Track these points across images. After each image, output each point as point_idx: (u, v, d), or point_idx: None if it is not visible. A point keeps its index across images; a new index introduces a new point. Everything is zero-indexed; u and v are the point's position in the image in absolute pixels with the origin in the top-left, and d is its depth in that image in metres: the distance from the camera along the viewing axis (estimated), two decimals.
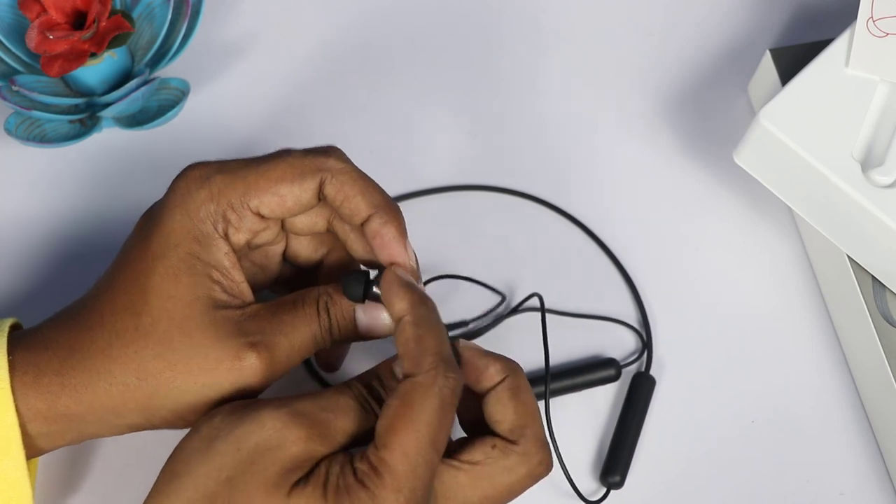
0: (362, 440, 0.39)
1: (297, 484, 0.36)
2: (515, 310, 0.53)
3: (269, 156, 0.43)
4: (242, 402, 0.39)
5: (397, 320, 0.40)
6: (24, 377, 0.40)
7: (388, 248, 0.42)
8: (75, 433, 0.41)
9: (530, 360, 0.51)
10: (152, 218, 0.42)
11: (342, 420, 0.39)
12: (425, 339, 0.39)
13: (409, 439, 0.36)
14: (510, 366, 0.41)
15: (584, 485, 0.50)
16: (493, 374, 0.40)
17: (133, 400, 0.40)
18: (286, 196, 0.42)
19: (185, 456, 0.38)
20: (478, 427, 0.41)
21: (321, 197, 0.42)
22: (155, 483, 0.38)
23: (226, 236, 0.42)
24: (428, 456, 0.37)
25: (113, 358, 0.40)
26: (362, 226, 0.42)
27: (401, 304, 0.40)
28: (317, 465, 0.37)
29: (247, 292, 0.42)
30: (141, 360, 0.40)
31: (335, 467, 0.37)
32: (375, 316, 0.42)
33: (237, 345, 0.40)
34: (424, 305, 0.40)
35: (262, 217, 0.42)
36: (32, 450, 0.41)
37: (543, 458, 0.40)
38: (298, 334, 0.41)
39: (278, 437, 0.37)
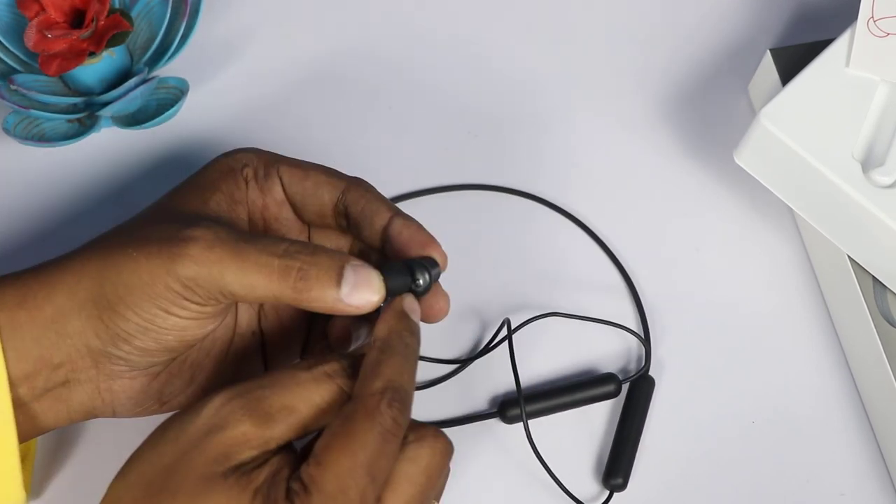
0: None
1: (237, 469, 0.35)
2: (487, 347, 0.50)
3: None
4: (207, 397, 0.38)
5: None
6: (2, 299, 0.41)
7: (417, 237, 0.43)
8: (44, 348, 0.40)
9: (535, 371, 0.51)
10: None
11: (281, 396, 0.37)
12: (382, 364, 0.38)
13: (342, 459, 0.35)
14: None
15: (586, 488, 0.50)
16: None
17: (87, 276, 0.40)
18: (322, 190, 0.44)
19: (141, 444, 0.38)
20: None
21: (341, 207, 0.44)
22: None
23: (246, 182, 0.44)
24: (361, 480, 0.35)
25: (83, 247, 0.42)
26: (385, 230, 0.43)
27: (382, 328, 0.39)
28: (266, 462, 0.36)
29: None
30: (103, 239, 0.42)
31: (277, 478, 0.36)
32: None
33: (186, 227, 0.40)
34: (400, 337, 0.39)
35: (287, 195, 0.45)
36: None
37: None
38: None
39: (215, 419, 0.36)
